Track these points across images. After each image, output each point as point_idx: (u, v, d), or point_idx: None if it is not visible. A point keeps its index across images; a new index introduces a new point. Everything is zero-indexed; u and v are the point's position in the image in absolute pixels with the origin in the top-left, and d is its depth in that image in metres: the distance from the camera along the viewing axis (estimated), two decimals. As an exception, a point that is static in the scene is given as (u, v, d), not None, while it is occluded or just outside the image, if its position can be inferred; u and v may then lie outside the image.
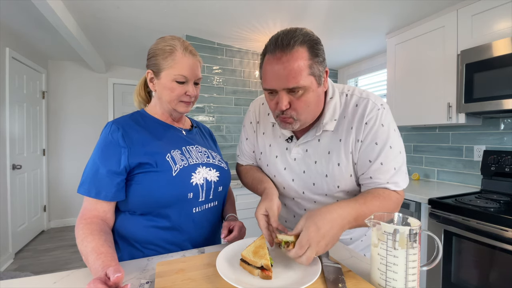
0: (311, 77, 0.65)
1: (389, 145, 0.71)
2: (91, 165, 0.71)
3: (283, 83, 0.65)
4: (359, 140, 0.73)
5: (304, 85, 0.65)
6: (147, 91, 0.91)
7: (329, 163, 0.76)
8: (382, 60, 2.72)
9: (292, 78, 0.63)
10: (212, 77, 2.72)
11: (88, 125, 3.76)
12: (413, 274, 0.50)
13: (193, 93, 0.79)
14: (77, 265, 2.62)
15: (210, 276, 0.56)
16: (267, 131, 0.89)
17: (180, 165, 0.75)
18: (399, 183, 0.72)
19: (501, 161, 1.74)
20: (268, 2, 1.95)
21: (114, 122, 0.75)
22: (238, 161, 1.02)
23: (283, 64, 0.63)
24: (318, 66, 0.66)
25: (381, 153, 0.71)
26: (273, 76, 0.66)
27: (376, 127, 0.72)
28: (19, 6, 2.13)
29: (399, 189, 0.73)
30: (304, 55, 0.64)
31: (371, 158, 0.72)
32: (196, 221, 0.78)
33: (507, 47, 1.49)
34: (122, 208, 0.75)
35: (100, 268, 0.55)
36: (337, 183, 0.77)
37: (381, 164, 0.71)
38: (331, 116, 0.75)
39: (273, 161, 0.86)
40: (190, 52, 0.78)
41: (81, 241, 0.63)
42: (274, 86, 0.67)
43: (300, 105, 0.68)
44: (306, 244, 0.55)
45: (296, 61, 0.63)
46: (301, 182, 0.81)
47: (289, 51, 0.63)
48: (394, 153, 0.72)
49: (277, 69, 0.64)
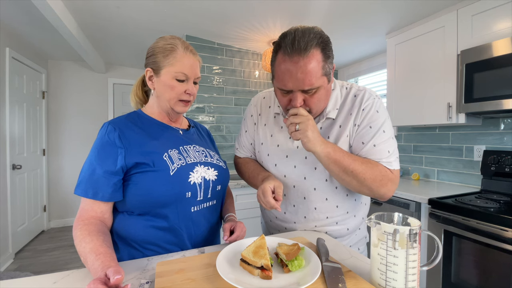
0: (324, 77, 0.72)
1: (382, 130, 0.78)
2: (87, 166, 0.71)
3: (300, 85, 0.70)
4: (356, 124, 0.80)
5: (318, 85, 0.71)
6: (144, 91, 0.90)
7: None
8: (382, 60, 2.72)
9: (308, 81, 0.69)
10: (212, 77, 2.72)
11: (88, 125, 3.76)
12: (413, 274, 0.50)
13: (192, 91, 0.80)
14: (77, 265, 2.62)
15: (210, 276, 0.56)
16: (269, 122, 0.94)
17: (177, 164, 0.75)
18: (392, 163, 0.77)
19: (501, 161, 1.74)
20: (268, 2, 1.95)
21: (111, 123, 0.74)
22: (236, 153, 1.06)
23: (301, 68, 0.68)
24: (329, 65, 0.72)
25: (375, 135, 0.77)
26: (290, 78, 0.70)
27: (372, 113, 0.79)
28: (19, 6, 2.13)
29: (391, 168, 0.77)
30: (319, 58, 0.69)
31: (364, 140, 0.79)
32: (195, 220, 0.78)
33: (507, 47, 1.49)
34: (120, 209, 0.75)
35: (99, 269, 0.55)
36: None
37: (374, 145, 0.77)
38: (333, 106, 0.83)
39: (274, 150, 0.90)
40: (191, 51, 0.79)
41: (79, 242, 0.63)
42: (290, 88, 0.72)
43: (313, 101, 0.74)
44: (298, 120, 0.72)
45: (311, 63, 0.68)
46: (303, 168, 0.86)
47: (306, 55, 0.67)
48: (386, 137, 0.78)
49: (294, 72, 0.69)
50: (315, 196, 0.86)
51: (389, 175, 0.77)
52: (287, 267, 0.57)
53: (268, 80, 3.02)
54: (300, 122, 0.72)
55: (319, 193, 0.86)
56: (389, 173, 0.77)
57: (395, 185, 0.78)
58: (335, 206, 0.86)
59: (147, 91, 0.89)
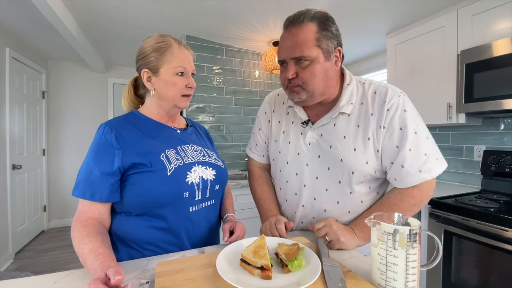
0: (318, 48, 0.70)
1: (414, 131, 0.72)
2: (84, 167, 0.71)
3: (290, 52, 0.71)
4: (381, 126, 0.74)
5: (310, 55, 0.70)
6: (137, 95, 0.88)
7: (345, 147, 0.77)
8: (382, 60, 2.72)
9: (298, 48, 0.70)
10: (212, 77, 2.72)
11: (88, 125, 3.76)
12: (413, 274, 0.50)
13: (193, 84, 0.81)
14: (77, 265, 2.62)
15: (210, 276, 0.56)
16: (282, 119, 0.92)
17: (175, 164, 0.74)
18: (432, 170, 0.73)
19: (501, 161, 1.74)
20: (268, 2, 1.95)
21: (107, 124, 0.74)
22: (249, 154, 1.04)
23: (292, 36, 0.71)
24: (326, 40, 0.71)
25: (408, 138, 0.71)
26: (282, 47, 0.74)
27: (399, 113, 0.73)
28: (19, 6, 2.13)
29: (433, 177, 0.73)
30: (313, 29, 0.70)
31: (398, 144, 0.73)
32: (194, 220, 0.78)
33: (507, 47, 1.49)
34: (118, 210, 0.75)
35: (99, 269, 0.55)
36: (352, 169, 0.77)
37: (410, 150, 0.71)
38: (348, 100, 0.78)
39: (285, 147, 0.88)
40: (184, 46, 0.81)
41: (78, 243, 0.63)
42: (283, 57, 0.74)
43: (306, 74, 0.72)
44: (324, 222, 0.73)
45: (304, 33, 0.70)
46: (316, 166, 0.82)
47: (299, 24, 0.71)
48: (420, 138, 0.72)
49: (286, 40, 0.72)
50: (327, 198, 0.82)
51: (417, 197, 0.74)
52: (287, 267, 0.57)
53: (268, 80, 3.02)
54: (326, 232, 0.71)
55: (331, 195, 0.81)
56: (416, 194, 0.74)
57: (431, 191, 0.76)
58: (347, 211, 0.82)
59: (141, 94, 0.88)
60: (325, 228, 0.72)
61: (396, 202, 0.74)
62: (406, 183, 0.74)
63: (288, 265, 0.57)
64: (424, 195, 0.75)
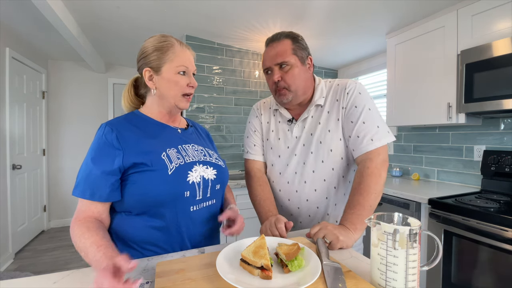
0: (295, 56, 0.90)
1: (368, 108, 0.89)
2: (85, 167, 0.70)
3: (274, 60, 0.90)
4: (343, 107, 0.92)
5: (289, 60, 0.89)
6: (138, 95, 0.88)
7: (321, 131, 0.94)
8: (382, 60, 2.72)
9: (280, 56, 0.89)
10: (212, 77, 2.72)
11: (88, 125, 3.76)
12: (413, 274, 0.50)
13: (194, 83, 0.81)
14: (77, 265, 2.62)
15: (210, 276, 0.56)
16: (270, 120, 1.07)
17: (176, 164, 0.74)
18: (382, 139, 0.86)
19: (501, 161, 1.74)
20: (268, 2, 1.95)
21: (108, 124, 0.74)
22: (246, 157, 1.10)
23: (274, 48, 0.91)
24: (300, 50, 0.91)
25: (361, 114, 0.88)
26: (267, 57, 0.93)
27: (355, 94, 0.91)
28: (19, 6, 2.13)
29: (383, 144, 0.86)
30: (289, 42, 0.91)
31: (353, 119, 0.89)
32: (194, 219, 0.77)
33: (507, 47, 1.49)
34: (118, 209, 0.75)
35: (102, 259, 0.55)
36: (330, 147, 0.93)
37: (363, 123, 0.87)
38: (320, 95, 0.96)
39: (276, 143, 1.03)
40: (185, 46, 0.82)
41: (78, 238, 0.63)
42: (267, 65, 0.92)
43: (289, 77, 0.90)
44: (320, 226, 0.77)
45: (283, 45, 0.90)
46: (302, 154, 0.97)
47: (277, 40, 0.91)
48: (373, 114, 0.88)
49: (269, 52, 0.92)
50: (314, 178, 0.95)
51: (376, 171, 0.82)
52: (287, 267, 0.57)
53: (268, 80, 3.02)
54: (323, 234, 0.74)
55: (317, 175, 0.94)
56: (369, 164, 0.83)
57: (386, 161, 0.86)
58: (333, 187, 0.96)
59: (141, 94, 0.88)
60: (322, 230, 0.75)
61: (358, 180, 0.84)
62: (360, 151, 0.87)
63: (288, 265, 0.57)
64: (377, 163, 0.84)
